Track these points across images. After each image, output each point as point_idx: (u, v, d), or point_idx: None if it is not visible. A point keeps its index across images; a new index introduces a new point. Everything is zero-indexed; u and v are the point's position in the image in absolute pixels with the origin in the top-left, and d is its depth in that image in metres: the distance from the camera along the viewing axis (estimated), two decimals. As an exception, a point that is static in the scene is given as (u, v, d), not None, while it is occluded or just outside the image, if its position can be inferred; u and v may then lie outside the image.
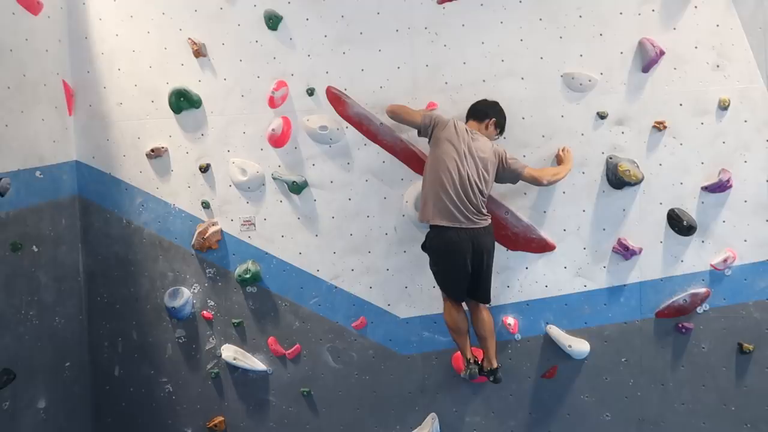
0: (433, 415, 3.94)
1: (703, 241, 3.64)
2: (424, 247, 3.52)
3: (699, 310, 3.66)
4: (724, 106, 3.54)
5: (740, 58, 3.52)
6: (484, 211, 3.42)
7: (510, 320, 3.81)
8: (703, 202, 3.63)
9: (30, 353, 3.78)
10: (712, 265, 3.62)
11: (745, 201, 3.59)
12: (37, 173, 3.88)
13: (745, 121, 3.55)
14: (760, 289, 3.61)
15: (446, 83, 3.79)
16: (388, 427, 4.01)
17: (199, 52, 3.99)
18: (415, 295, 3.89)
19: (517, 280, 3.82)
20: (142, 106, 4.11)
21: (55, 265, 4.02)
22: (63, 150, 4.12)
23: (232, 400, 4.18)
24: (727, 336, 3.65)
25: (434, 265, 3.49)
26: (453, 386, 3.91)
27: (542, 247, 3.77)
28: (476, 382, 3.82)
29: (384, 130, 3.83)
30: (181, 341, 4.20)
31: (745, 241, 3.60)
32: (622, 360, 3.76)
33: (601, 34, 3.63)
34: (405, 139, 3.79)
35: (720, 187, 3.55)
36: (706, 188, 3.59)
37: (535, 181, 3.49)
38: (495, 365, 3.50)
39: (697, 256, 3.65)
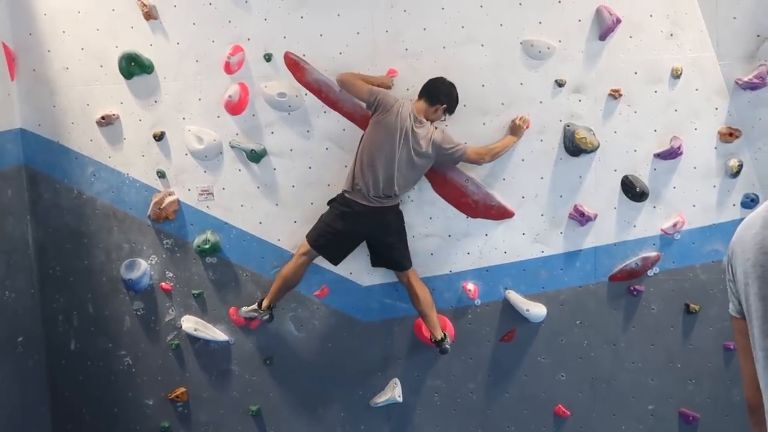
0: (395, 380, 4.01)
1: (654, 207, 3.76)
2: (330, 201, 3.67)
3: (649, 273, 3.80)
4: (676, 75, 3.62)
5: (693, 27, 3.59)
6: (398, 197, 3.60)
7: (470, 286, 3.88)
8: (655, 169, 3.73)
9: (-21, 329, 3.66)
10: (662, 230, 3.75)
11: (695, 167, 3.71)
12: (-21, 142, 3.69)
13: (696, 90, 3.64)
14: (707, 252, 3.76)
15: (406, 50, 3.75)
16: (351, 393, 4.07)
17: (149, 14, 3.83)
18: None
19: (477, 246, 3.87)
20: (90, 71, 3.94)
21: (3, 237, 3.87)
22: (6, 117, 3.93)
23: (193, 371, 4.15)
24: (675, 297, 3.81)
25: (326, 219, 3.65)
26: (414, 352, 3.97)
27: (501, 214, 3.83)
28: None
29: (344, 96, 3.77)
30: (139, 313, 4.13)
31: (694, 206, 3.74)
32: (577, 322, 3.89)
33: (559, 1, 3.64)
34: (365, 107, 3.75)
35: (671, 154, 3.66)
36: (658, 155, 3.69)
37: (477, 162, 3.61)
38: (438, 336, 3.58)
39: (649, 222, 3.77)
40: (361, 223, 3.59)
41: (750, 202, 3.68)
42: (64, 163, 4.04)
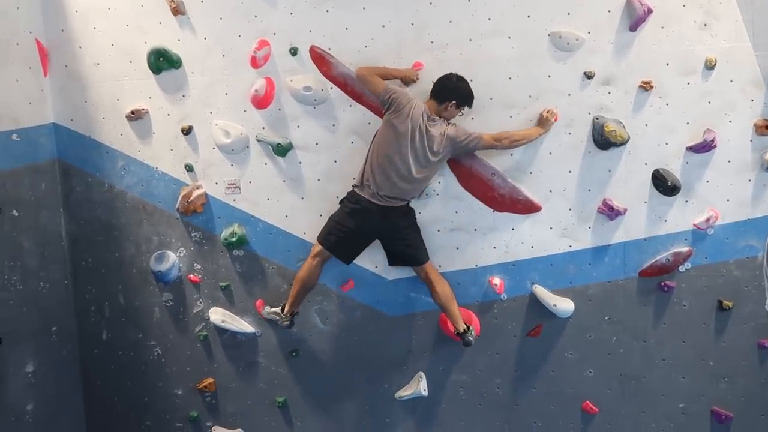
0: (420, 373, 4.00)
1: (686, 201, 3.68)
2: (341, 200, 3.69)
3: (681, 268, 3.72)
4: (710, 66, 3.53)
5: (727, 16, 3.49)
6: (410, 195, 3.62)
7: (496, 281, 3.85)
8: (687, 162, 3.65)
9: (16, 318, 3.77)
10: (695, 225, 3.67)
11: (729, 161, 3.61)
12: (14, 136, 3.79)
13: (731, 81, 3.54)
14: (741, 248, 3.67)
15: (432, 42, 3.72)
16: (376, 387, 4.08)
17: (177, 9, 3.86)
18: (402, 257, 3.90)
19: (503, 241, 3.84)
20: (120, 67, 4.00)
21: (37, 230, 3.97)
22: (39, 112, 4.01)
23: (221, 362, 4.21)
24: (708, 294, 3.73)
25: (336, 218, 3.67)
26: (440, 346, 3.96)
27: (528, 208, 3.78)
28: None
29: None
30: (168, 305, 4.20)
31: (728, 200, 3.64)
32: (606, 318, 3.83)
33: (588, -8, 3.57)
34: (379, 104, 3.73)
35: (704, 147, 3.57)
36: (690, 148, 3.61)
37: (494, 147, 3.57)
38: (461, 328, 3.56)
39: (681, 216, 3.69)
40: (370, 220, 3.57)
41: (787, 197, 3.57)
42: (95, 157, 4.12)
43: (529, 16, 3.63)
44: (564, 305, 3.79)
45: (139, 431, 4.34)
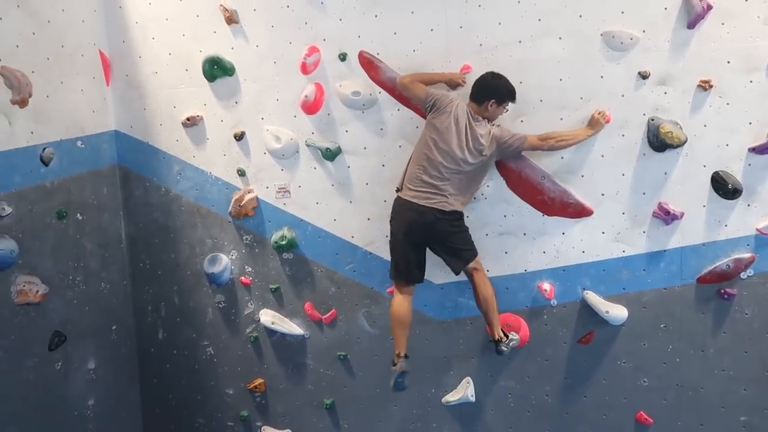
0: (468, 378, 3.97)
1: (749, 205, 3.51)
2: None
3: (743, 275, 3.56)
4: (775, 63, 3.37)
5: (794, 10, 3.33)
6: (462, 202, 3.51)
7: (546, 286, 3.78)
8: (750, 164, 3.48)
9: (79, 317, 3.95)
10: (758, 230, 3.50)
11: (795, 162, 3.44)
12: (79, 143, 3.98)
13: (798, 79, 3.37)
14: (809, 255, 3.48)
15: (481, 45, 3.69)
16: (424, 390, 4.07)
17: (231, 18, 3.98)
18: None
19: (553, 245, 3.77)
20: (176, 75, 4.15)
21: (99, 233, 4.15)
22: (102, 120, 4.21)
23: (271, 362, 4.29)
24: (772, 302, 3.55)
25: (390, 245, 3.62)
26: (487, 351, 3.90)
27: (579, 212, 3.70)
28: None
29: (417, 93, 3.76)
30: (220, 306, 4.31)
31: (794, 204, 3.47)
32: (661, 326, 3.70)
33: (644, -10, 3.47)
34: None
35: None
36: (753, 149, 3.45)
37: (540, 148, 3.50)
38: (496, 336, 3.50)
39: (743, 220, 3.53)
40: (413, 221, 3.47)
41: None
42: (153, 163, 4.29)
43: (580, 16, 3.56)
44: (617, 312, 3.69)
45: (191, 429, 4.47)
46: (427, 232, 3.49)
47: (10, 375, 3.46)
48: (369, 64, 3.83)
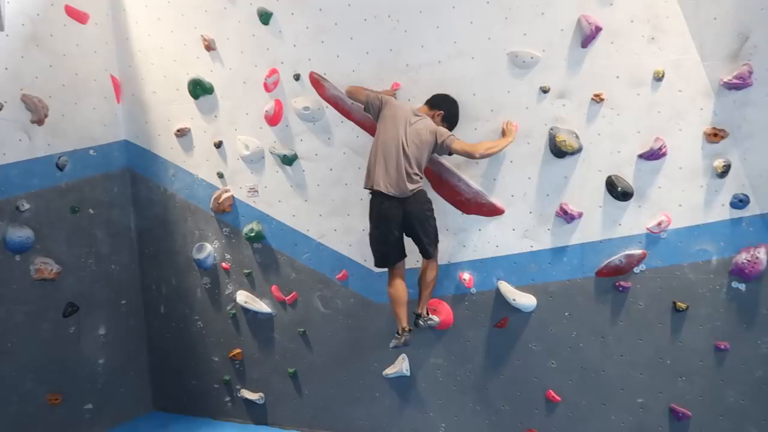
0: (403, 355, 4.55)
1: (640, 206, 3.85)
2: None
3: (636, 270, 3.91)
4: (658, 77, 3.69)
5: (674, 29, 3.62)
6: (415, 180, 3.89)
7: (466, 276, 4.28)
8: (639, 169, 3.83)
9: (90, 291, 4.89)
10: (648, 229, 3.84)
11: (680, 168, 3.74)
12: (91, 151, 4.90)
13: (680, 91, 3.67)
14: (695, 252, 3.77)
15: (407, 65, 4.24)
16: (367, 364, 4.69)
17: (209, 46, 4.75)
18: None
19: (472, 240, 4.26)
20: (169, 94, 4.98)
21: (110, 224, 5.07)
22: (113, 132, 5.11)
23: (246, 336, 5.06)
24: (663, 295, 3.87)
25: (370, 236, 4.05)
26: (419, 332, 4.42)
27: (492, 211, 4.18)
28: (438, 329, 4.37)
29: (355, 108, 4.37)
30: (207, 287, 5.13)
31: (680, 205, 3.77)
32: (566, 314, 4.12)
33: (542, 14, 3.88)
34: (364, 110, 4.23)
35: (654, 155, 3.74)
36: (641, 156, 3.79)
37: (467, 155, 3.87)
38: (419, 311, 4.04)
39: (634, 220, 3.87)
40: (389, 214, 3.87)
41: (739, 203, 3.64)
42: (154, 167, 5.16)
43: (489, 38, 4.02)
44: (524, 300, 4.14)
45: (188, 389, 5.34)
46: (411, 219, 3.88)
47: (29, 335, 4.43)
48: (317, 83, 4.48)
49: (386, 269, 4.13)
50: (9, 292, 4.33)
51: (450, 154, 3.96)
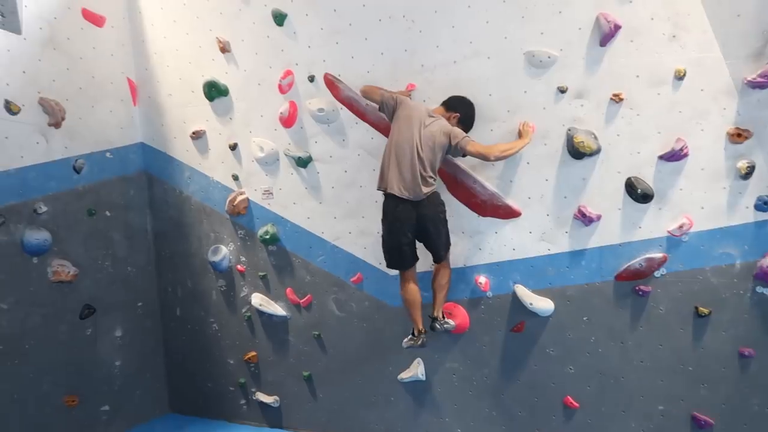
0: (418, 359, 4.51)
1: (660, 209, 3.77)
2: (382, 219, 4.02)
3: (657, 274, 3.82)
4: (680, 76, 3.60)
5: (696, 27, 3.54)
6: (429, 182, 3.85)
7: (482, 279, 4.22)
8: (660, 171, 3.74)
9: (106, 293, 4.90)
10: (669, 232, 3.75)
11: (702, 169, 3.65)
12: (108, 154, 4.92)
13: (702, 90, 3.58)
14: (718, 255, 3.67)
15: (422, 66, 4.19)
16: (382, 367, 4.65)
17: (224, 48, 4.74)
18: (402, 254, 4.40)
19: (488, 243, 4.20)
20: (184, 96, 4.99)
21: (126, 227, 5.09)
22: (129, 134, 5.13)
23: (261, 338, 5.05)
24: (685, 299, 3.77)
25: (382, 238, 4.01)
26: (434, 336, 4.36)
27: (509, 213, 4.11)
28: (454, 333, 4.31)
29: (370, 110, 4.34)
30: (222, 289, 5.13)
31: (702, 208, 3.67)
32: (584, 318, 4.03)
33: (560, 12, 3.81)
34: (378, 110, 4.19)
35: (674, 155, 3.65)
36: (662, 157, 3.70)
37: (482, 157, 3.81)
38: (434, 314, 3.98)
39: (655, 223, 3.79)
40: (402, 216, 3.85)
41: (764, 205, 3.54)
42: (169, 169, 5.17)
43: (505, 38, 3.96)
44: (541, 304, 4.06)
45: (203, 392, 5.34)
46: (425, 222, 3.86)
47: (47, 337, 4.46)
48: (331, 84, 4.45)
49: (398, 271, 4.09)
50: (27, 294, 4.35)
51: (464, 155, 3.89)
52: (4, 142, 4.21)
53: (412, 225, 3.87)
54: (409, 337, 4.07)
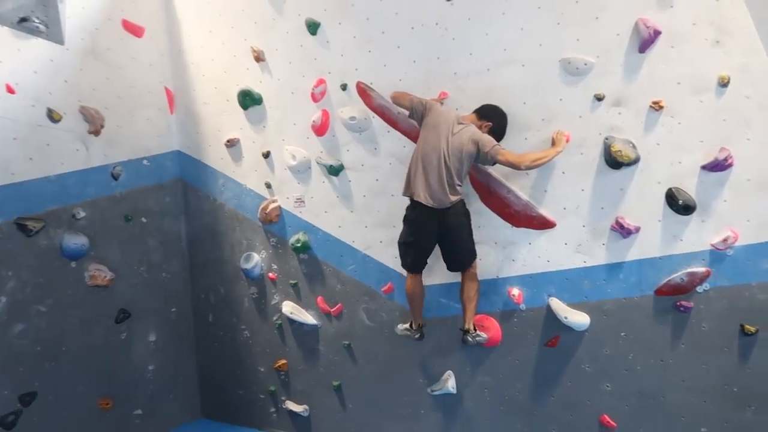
0: (449, 372, 4.41)
1: (703, 221, 3.61)
2: (403, 219, 4.01)
3: (699, 289, 3.65)
4: (723, 83, 3.45)
5: (741, 32, 3.39)
6: (457, 191, 3.81)
7: (515, 291, 4.12)
8: (703, 181, 3.58)
9: (142, 299, 4.98)
10: (712, 245, 3.59)
11: (748, 179, 3.48)
12: (144, 161, 5.02)
13: (747, 97, 3.42)
14: (765, 270, 3.48)
15: (455, 74, 4.14)
16: (412, 379, 4.57)
17: (258, 57, 4.79)
18: (433, 265, 4.27)
19: (521, 254, 4.09)
20: (219, 105, 5.05)
21: (161, 233, 5.17)
22: (166, 142, 5.22)
23: (292, 347, 5.04)
24: (729, 317, 3.59)
25: (400, 237, 3.99)
26: (467, 348, 4.29)
27: (543, 224, 4.00)
28: (486, 346, 4.22)
29: (402, 118, 4.30)
30: (254, 297, 5.15)
31: (748, 221, 3.50)
32: (622, 334, 3.88)
33: (597, 18, 3.71)
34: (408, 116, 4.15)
35: (718, 165, 3.49)
36: (705, 167, 3.55)
37: (512, 167, 3.72)
38: (465, 326, 3.89)
39: (697, 236, 3.62)
40: (426, 224, 3.85)
41: (816, 218, 3.35)
42: (204, 176, 5.24)
43: (540, 45, 3.87)
44: (576, 318, 3.93)
45: (234, 399, 5.36)
46: (449, 231, 3.85)
47: (83, 340, 4.55)
48: (363, 92, 4.43)
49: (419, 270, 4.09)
50: (64, 298, 4.45)
51: (493, 164, 3.81)
52: (46, 149, 4.33)
53: (435, 232, 3.86)
54: (407, 326, 4.23)
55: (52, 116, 4.34)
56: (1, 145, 4.11)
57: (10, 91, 4.13)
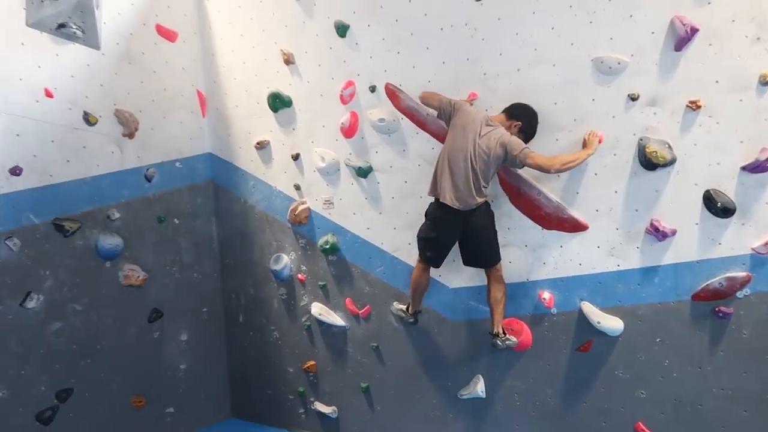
0: (478, 376, 4.36)
1: (743, 224, 3.48)
2: (426, 213, 4.00)
3: (739, 294, 3.52)
4: (765, 81, 3.33)
5: (784, 27, 3.27)
6: (482, 193, 3.78)
7: (546, 295, 4.04)
8: (742, 183, 3.46)
9: (174, 298, 5.06)
10: (753, 249, 3.46)
11: (791, 181, 3.35)
12: (177, 164, 5.10)
13: (791, 96, 3.30)
14: (809, 276, 3.36)
15: (485, 74, 4.09)
16: (442, 383, 4.53)
17: (288, 60, 4.82)
18: (463, 267, 4.25)
19: (552, 257, 4.02)
20: (250, 108, 5.10)
21: (193, 234, 5.25)
22: (198, 145, 5.30)
23: (320, 348, 5.05)
24: (771, 323, 3.47)
25: (421, 232, 3.99)
26: (496, 352, 4.23)
27: (575, 226, 3.92)
28: (516, 350, 4.15)
29: (431, 119, 4.27)
30: (283, 297, 5.18)
31: (791, 224, 3.38)
32: (657, 340, 3.78)
33: (631, 16, 3.62)
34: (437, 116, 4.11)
35: (760, 167, 3.37)
36: (745, 168, 3.43)
37: (542, 170, 3.65)
38: (494, 330, 3.84)
39: (737, 239, 3.50)
40: (450, 224, 3.85)
41: None
42: (234, 178, 5.29)
43: (572, 44, 3.80)
44: (610, 323, 3.84)
45: (264, 398, 5.40)
46: (473, 231, 3.86)
47: (117, 338, 4.65)
48: (392, 94, 4.42)
49: (436, 266, 4.13)
50: (99, 297, 4.55)
51: (522, 167, 3.75)
52: (82, 152, 4.43)
53: (458, 232, 3.87)
54: (403, 308, 4.36)
55: (89, 119, 4.44)
56: (40, 148, 4.23)
57: (49, 95, 4.25)
